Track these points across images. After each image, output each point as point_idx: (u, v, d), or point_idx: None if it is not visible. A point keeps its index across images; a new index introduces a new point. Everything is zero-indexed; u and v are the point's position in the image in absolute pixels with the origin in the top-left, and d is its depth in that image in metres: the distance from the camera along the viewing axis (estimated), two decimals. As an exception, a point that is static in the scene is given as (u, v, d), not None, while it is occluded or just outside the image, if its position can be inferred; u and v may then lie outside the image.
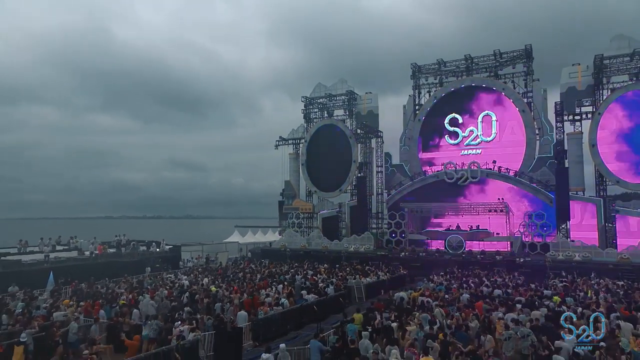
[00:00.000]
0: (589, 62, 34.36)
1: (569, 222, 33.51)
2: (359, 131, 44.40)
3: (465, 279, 22.16)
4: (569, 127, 35.16)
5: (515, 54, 37.67)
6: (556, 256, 28.84)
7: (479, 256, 30.53)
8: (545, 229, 32.39)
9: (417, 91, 42.22)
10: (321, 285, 20.49)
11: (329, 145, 44.31)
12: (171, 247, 33.08)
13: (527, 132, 35.99)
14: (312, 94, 47.18)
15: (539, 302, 15.17)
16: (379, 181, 44.74)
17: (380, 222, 44.34)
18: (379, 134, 45.24)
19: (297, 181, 47.38)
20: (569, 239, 31.48)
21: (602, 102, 33.51)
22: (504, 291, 18.12)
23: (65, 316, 13.85)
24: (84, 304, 15.80)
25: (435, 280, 21.69)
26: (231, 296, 17.28)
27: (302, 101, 47.69)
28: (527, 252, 31.69)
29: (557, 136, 35.56)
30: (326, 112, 46.54)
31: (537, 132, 36.10)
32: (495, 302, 15.25)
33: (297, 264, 29.70)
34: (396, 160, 42.78)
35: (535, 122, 36.13)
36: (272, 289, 19.28)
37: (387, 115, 67.79)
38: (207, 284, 20.39)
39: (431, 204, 36.17)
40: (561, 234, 32.71)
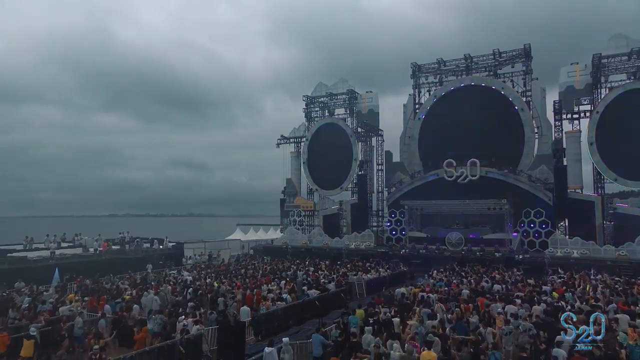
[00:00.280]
0: (587, 62, 34.67)
1: (567, 220, 33.85)
2: (359, 130, 44.69)
3: (464, 275, 22.41)
4: (567, 126, 35.60)
5: (514, 54, 37.93)
6: (555, 253, 29.17)
7: (478, 253, 30.79)
8: (544, 226, 32.70)
9: (417, 90, 42.47)
10: (323, 281, 20.73)
11: (330, 143, 44.59)
12: (174, 244, 33.33)
13: (526, 131, 36.24)
14: (313, 93, 47.41)
15: (537, 297, 15.40)
16: (380, 179, 45.12)
17: (380, 220, 44.72)
18: (380, 132, 45.55)
19: (298, 179, 47.68)
20: (567, 236, 31.76)
21: (600, 100, 33.78)
22: (503, 287, 18.34)
23: (70, 311, 14.08)
24: (89, 299, 16.07)
25: (435, 276, 21.86)
26: (234, 291, 17.48)
27: (303, 100, 47.94)
28: (526, 249, 32.01)
29: (556, 135, 35.89)
30: (327, 111, 46.80)
31: (536, 130, 36.38)
32: (495, 297, 15.47)
33: (298, 261, 29.95)
34: (396, 158, 43.07)
35: (534, 121, 36.41)
36: (275, 284, 19.54)
37: (387, 114, 68.01)
38: (210, 280, 20.65)
39: (431, 202, 36.42)
40: (560, 231, 33.01)
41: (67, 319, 13.06)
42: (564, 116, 35.63)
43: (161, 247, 31.25)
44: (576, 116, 35.30)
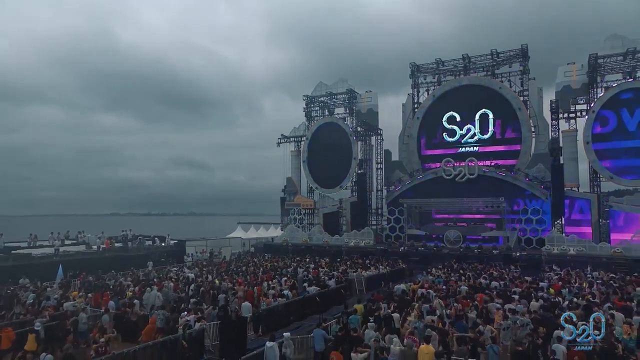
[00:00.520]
0: (583, 61, 34.99)
1: (564, 217, 34.23)
2: (359, 129, 45.01)
3: (463, 272, 22.72)
4: (564, 125, 35.99)
5: (511, 54, 38.25)
6: (551, 250, 29.53)
7: (476, 250, 31.15)
8: (541, 224, 33.06)
9: (416, 90, 42.75)
10: (323, 278, 20.98)
11: (330, 142, 44.87)
12: (176, 241, 33.54)
13: (523, 130, 36.57)
14: (313, 93, 47.66)
15: (535, 293, 15.61)
16: (379, 178, 45.48)
17: (379, 218, 45.08)
18: (379, 131, 45.89)
19: (298, 178, 47.96)
20: (564, 233, 32.16)
21: (596, 100, 34.12)
22: (501, 283, 18.64)
23: (74, 307, 14.27)
24: (94, 295, 16.30)
25: (434, 273, 22.18)
26: (235, 288, 17.68)
27: (303, 100, 48.17)
28: (523, 247, 32.39)
29: (553, 134, 36.27)
30: (327, 110, 47.06)
31: (533, 129, 36.70)
32: (493, 293, 15.74)
33: (298, 258, 30.23)
34: (395, 157, 43.35)
35: (531, 120, 36.74)
36: (275, 281, 19.77)
37: (386, 113, 68.21)
38: (211, 277, 20.91)
39: (430, 200, 36.74)
40: (556, 229, 33.39)
41: (71, 314, 13.27)
42: (561, 115, 36.03)
43: (163, 244, 31.49)
44: (572, 115, 35.66)
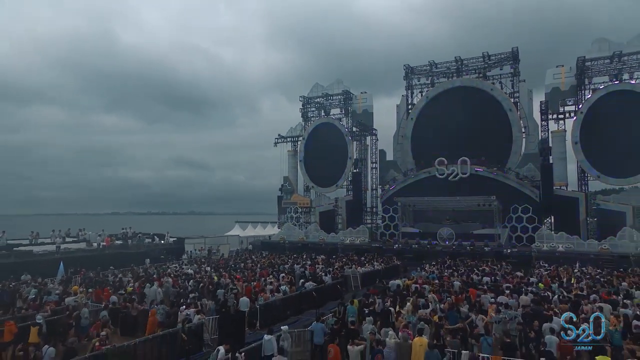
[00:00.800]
0: (572, 64, 36.01)
1: (553, 215, 35.16)
2: (354, 129, 45.69)
3: (455, 268, 23.39)
4: (553, 126, 36.98)
5: (502, 56, 39.10)
6: (541, 247, 30.35)
7: (468, 247, 31.80)
8: (530, 221, 33.90)
9: (409, 91, 43.45)
10: (319, 274, 21.39)
11: (326, 142, 45.46)
12: (175, 239, 33.84)
13: (514, 131, 37.39)
14: (309, 94, 48.21)
15: (525, 288, 16.18)
16: (374, 177, 46.20)
17: (374, 216, 45.79)
18: (374, 131, 46.60)
19: (295, 177, 48.44)
20: (553, 231, 33.00)
21: (584, 101, 35.09)
22: (492, 278, 19.25)
23: (76, 302, 14.52)
24: (95, 291, 16.61)
25: (427, 269, 22.76)
26: (234, 283, 18.03)
27: (300, 100, 48.72)
28: (514, 244, 33.23)
29: (542, 134, 37.22)
30: (323, 111, 47.64)
31: (523, 130, 37.55)
32: (485, 288, 16.35)
33: (295, 255, 30.72)
34: (390, 157, 44.02)
35: (521, 121, 37.58)
36: (273, 277, 20.22)
37: (381, 114, 69.14)
38: (210, 273, 21.30)
39: (423, 199, 37.36)
40: (546, 227, 34.30)
41: (72, 309, 13.52)
42: (550, 116, 37.02)
43: (162, 242, 31.83)
44: (561, 116, 36.61)
